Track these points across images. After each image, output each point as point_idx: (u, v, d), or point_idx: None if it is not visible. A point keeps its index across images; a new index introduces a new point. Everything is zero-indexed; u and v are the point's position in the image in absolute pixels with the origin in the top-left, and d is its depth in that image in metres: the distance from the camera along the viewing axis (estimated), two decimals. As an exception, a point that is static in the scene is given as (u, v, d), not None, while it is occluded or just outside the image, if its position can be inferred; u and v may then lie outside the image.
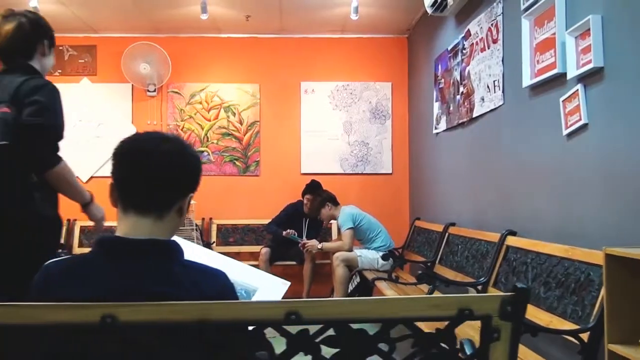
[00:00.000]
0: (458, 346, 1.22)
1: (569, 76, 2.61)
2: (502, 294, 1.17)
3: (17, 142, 2.23)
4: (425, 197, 5.48)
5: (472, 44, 4.03)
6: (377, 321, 1.23)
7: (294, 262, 5.68)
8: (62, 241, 6.01)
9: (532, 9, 2.99)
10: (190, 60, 6.29)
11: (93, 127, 6.23)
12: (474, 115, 3.99)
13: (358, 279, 5.09)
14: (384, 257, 4.72)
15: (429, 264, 4.44)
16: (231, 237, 6.19)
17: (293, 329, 1.19)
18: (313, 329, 1.21)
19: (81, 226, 6.16)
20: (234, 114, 6.31)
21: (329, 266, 5.42)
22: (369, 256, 5.10)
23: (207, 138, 6.29)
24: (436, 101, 5.06)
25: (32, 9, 4.88)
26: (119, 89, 6.28)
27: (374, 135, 6.34)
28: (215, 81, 6.32)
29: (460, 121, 4.29)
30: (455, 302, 1.23)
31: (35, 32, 2.43)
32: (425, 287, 4.34)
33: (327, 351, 1.20)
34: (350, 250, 5.11)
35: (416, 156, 5.96)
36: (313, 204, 5.46)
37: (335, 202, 5.39)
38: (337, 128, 6.34)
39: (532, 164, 3.08)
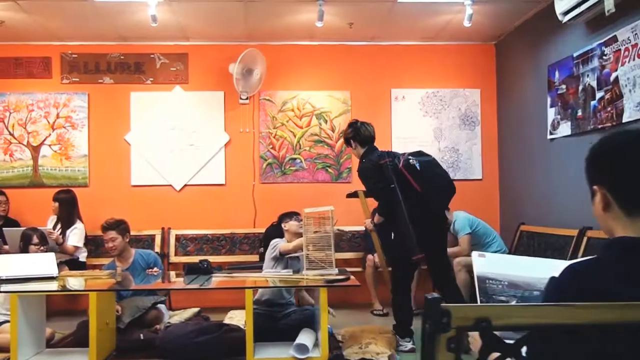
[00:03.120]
0: None
1: None
2: None
3: None
4: (533, 202, 5.54)
5: (620, 50, 4.10)
6: None
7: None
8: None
9: None
10: (282, 68, 6.30)
11: (186, 135, 6.20)
12: (624, 120, 4.05)
13: None
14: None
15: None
16: (326, 244, 6.18)
17: None
18: None
19: (176, 234, 6.12)
20: (326, 121, 6.33)
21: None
22: (487, 261, 5.14)
23: (300, 145, 6.30)
24: (551, 107, 5.13)
25: (151, 16, 4.90)
26: (211, 97, 6.27)
27: (463, 142, 6.40)
28: (306, 88, 6.34)
29: (600, 126, 4.35)
30: None
31: None
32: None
33: None
34: (469, 255, 5.15)
35: (514, 161, 6.01)
36: None
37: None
38: (428, 134, 6.38)
39: None
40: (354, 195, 5.29)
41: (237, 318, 5.00)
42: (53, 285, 4.09)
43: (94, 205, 6.04)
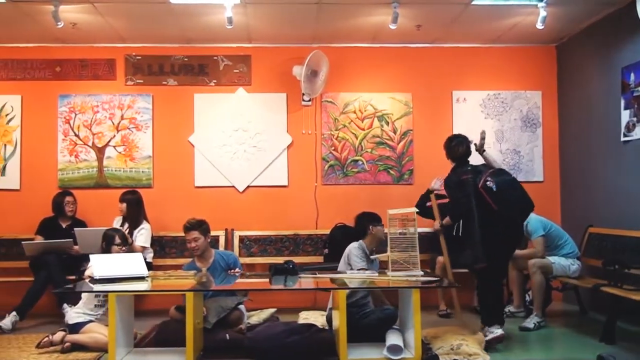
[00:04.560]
0: None
1: None
2: None
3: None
4: (602, 204, 5.52)
5: None
6: None
7: (465, 270, 5.70)
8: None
9: None
10: (344, 70, 6.33)
11: (249, 136, 6.24)
12: None
13: None
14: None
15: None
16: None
17: None
18: None
19: (240, 235, 6.15)
20: (387, 123, 6.35)
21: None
22: (561, 262, 5.15)
23: (362, 147, 6.32)
24: (625, 109, 5.12)
25: (227, 18, 4.94)
26: (273, 98, 6.30)
27: (525, 144, 6.39)
28: (368, 90, 6.36)
29: (686, 128, 4.34)
30: None
31: None
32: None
33: None
34: (543, 257, 5.15)
35: (579, 163, 6.00)
36: None
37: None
38: (489, 136, 6.31)
39: None
40: (426, 195, 5.36)
41: (312, 318, 5.02)
42: (144, 285, 4.14)
43: (158, 206, 6.09)
